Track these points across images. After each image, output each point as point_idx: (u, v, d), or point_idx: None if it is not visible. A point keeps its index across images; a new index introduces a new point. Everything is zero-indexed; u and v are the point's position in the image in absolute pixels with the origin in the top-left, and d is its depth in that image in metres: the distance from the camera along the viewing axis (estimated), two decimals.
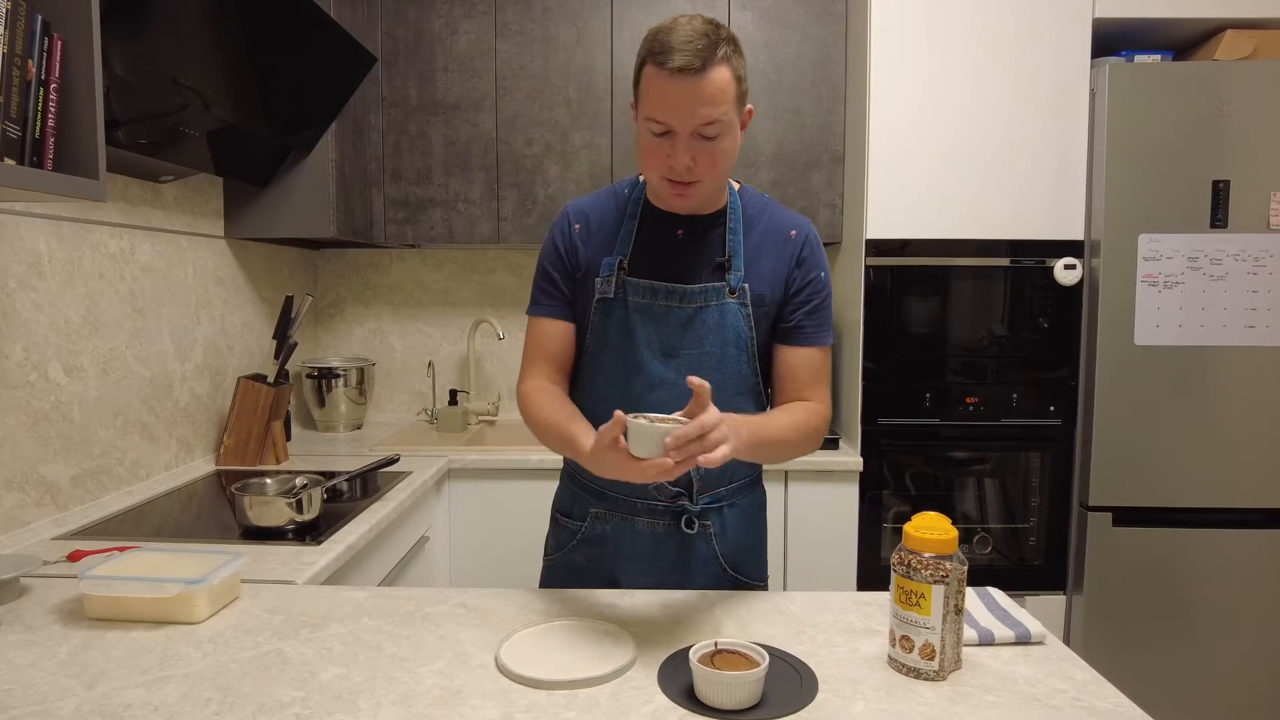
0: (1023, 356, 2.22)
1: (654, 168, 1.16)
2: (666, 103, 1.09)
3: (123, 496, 1.73)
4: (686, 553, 1.29)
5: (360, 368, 2.54)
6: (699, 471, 1.25)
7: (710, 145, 1.12)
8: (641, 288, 1.24)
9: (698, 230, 1.26)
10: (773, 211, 1.29)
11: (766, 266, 1.25)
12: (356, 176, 2.31)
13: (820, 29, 2.37)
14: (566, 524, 1.36)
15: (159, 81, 1.58)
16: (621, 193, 1.31)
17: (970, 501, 2.26)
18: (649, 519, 1.28)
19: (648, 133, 1.14)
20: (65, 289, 1.58)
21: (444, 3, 2.37)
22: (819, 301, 1.27)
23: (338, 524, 1.58)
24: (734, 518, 1.32)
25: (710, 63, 1.07)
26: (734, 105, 1.12)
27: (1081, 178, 2.16)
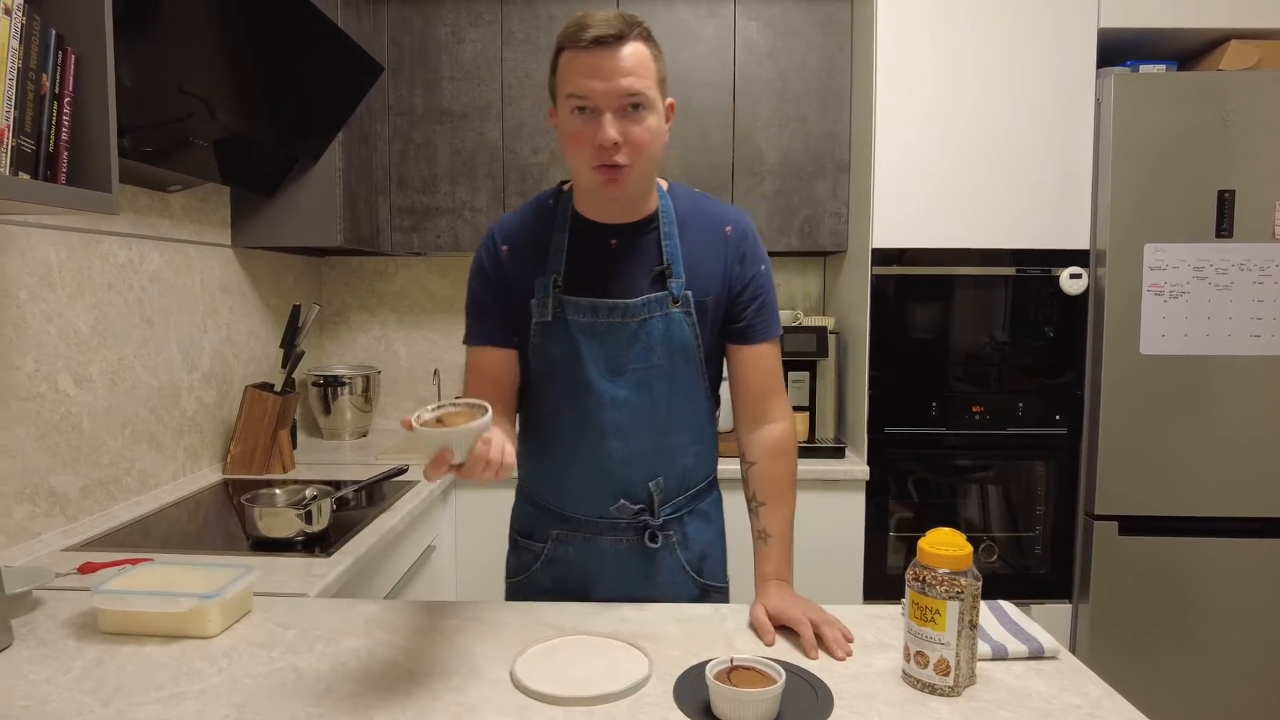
0: (1028, 365, 2.23)
1: (581, 153, 1.11)
2: (587, 75, 1.07)
3: (131, 506, 1.73)
4: (653, 565, 1.28)
5: (366, 375, 2.54)
6: (658, 485, 1.25)
7: (636, 121, 1.09)
8: (581, 306, 1.19)
9: (631, 238, 1.20)
10: (705, 207, 1.25)
11: (706, 266, 1.21)
12: (363, 185, 2.31)
13: (825, 38, 2.38)
14: (528, 546, 1.33)
15: (164, 89, 1.57)
16: (546, 205, 1.25)
17: (976, 510, 2.26)
18: (612, 537, 1.27)
19: (570, 116, 1.10)
20: (75, 299, 1.58)
21: (450, 11, 2.38)
22: (765, 296, 1.26)
23: (347, 535, 1.58)
24: (695, 524, 1.31)
25: (626, 36, 1.07)
26: (655, 82, 1.10)
27: (1087, 187, 2.17)
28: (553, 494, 1.29)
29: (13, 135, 1.12)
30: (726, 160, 2.40)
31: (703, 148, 2.40)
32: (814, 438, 2.32)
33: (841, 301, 2.52)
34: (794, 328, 2.30)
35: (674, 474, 1.26)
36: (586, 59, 1.07)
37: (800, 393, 2.32)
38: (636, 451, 1.23)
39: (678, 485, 1.27)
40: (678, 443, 1.25)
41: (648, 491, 1.25)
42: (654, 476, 1.24)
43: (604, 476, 1.24)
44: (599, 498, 1.25)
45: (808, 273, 2.74)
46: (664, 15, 2.37)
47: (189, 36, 1.60)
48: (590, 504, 1.26)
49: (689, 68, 2.38)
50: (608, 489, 1.24)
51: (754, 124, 2.39)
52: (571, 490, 1.27)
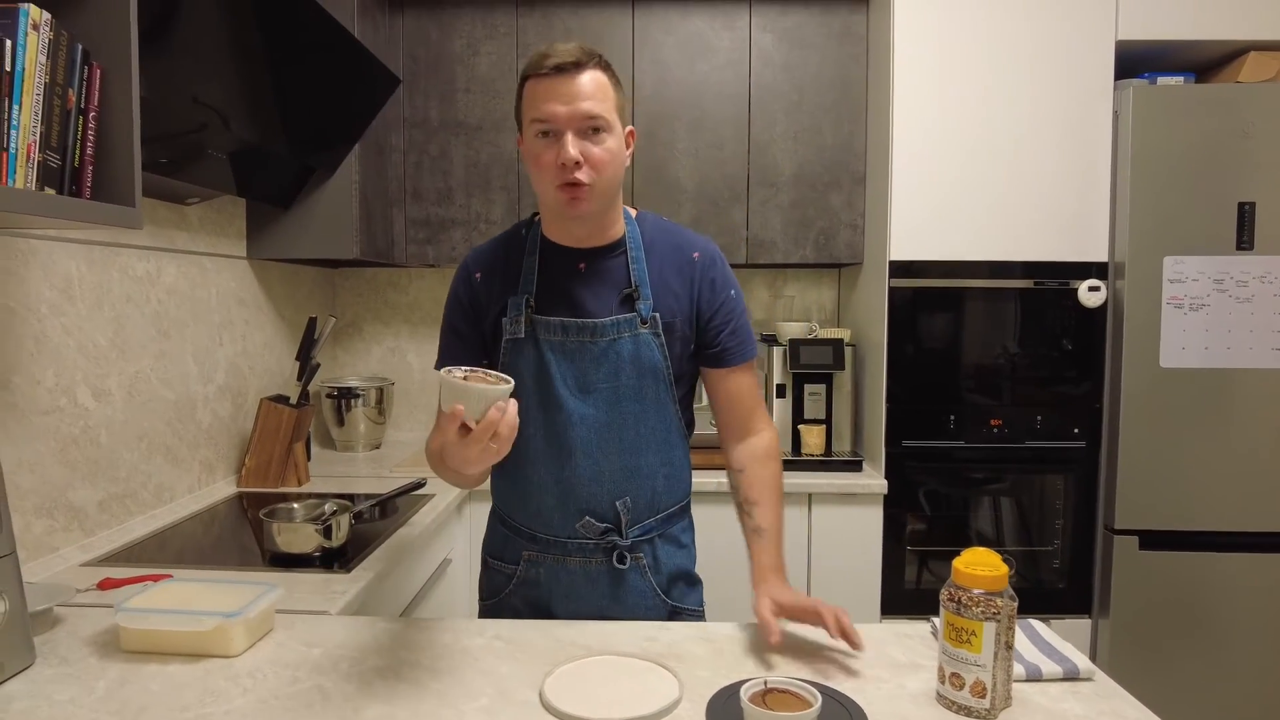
0: (1046, 378, 2.21)
1: (544, 174, 1.16)
2: (547, 100, 1.13)
3: (148, 520, 1.72)
4: (622, 588, 1.28)
5: (379, 387, 2.54)
6: (625, 505, 1.26)
7: (596, 143, 1.14)
8: (552, 325, 1.23)
9: (598, 261, 1.25)
10: (673, 234, 1.30)
11: (673, 289, 1.25)
12: (378, 197, 2.31)
13: (840, 50, 2.38)
14: (500, 568, 1.35)
15: (179, 100, 1.57)
16: (518, 234, 1.31)
17: (994, 523, 2.24)
18: (581, 558, 1.28)
19: (534, 139, 1.16)
20: (94, 312, 1.58)
21: (466, 24, 2.38)
22: (737, 321, 1.29)
23: (365, 550, 1.57)
24: (665, 547, 1.32)
25: (585, 64, 1.13)
26: (613, 108, 1.16)
27: (1105, 199, 2.16)
28: (523, 513, 1.31)
29: (39, 150, 1.12)
30: (742, 171, 2.39)
31: (718, 159, 2.39)
32: (830, 451, 2.31)
33: (857, 314, 2.51)
34: (810, 340, 2.29)
35: (642, 495, 1.27)
36: (548, 85, 1.13)
37: (817, 405, 2.31)
38: (604, 470, 1.25)
39: (647, 507, 1.29)
40: (646, 463, 1.27)
41: (614, 511, 1.26)
42: (621, 496, 1.26)
43: (570, 494, 1.26)
44: (566, 516, 1.27)
45: (823, 285, 2.73)
46: (680, 27, 2.37)
47: (206, 48, 1.60)
48: (558, 523, 1.27)
49: (704, 79, 2.38)
50: (574, 506, 1.26)
51: (769, 135, 2.39)
52: (540, 509, 1.28)
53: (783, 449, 2.30)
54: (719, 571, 2.14)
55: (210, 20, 1.58)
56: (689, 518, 1.40)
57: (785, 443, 2.33)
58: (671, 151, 2.39)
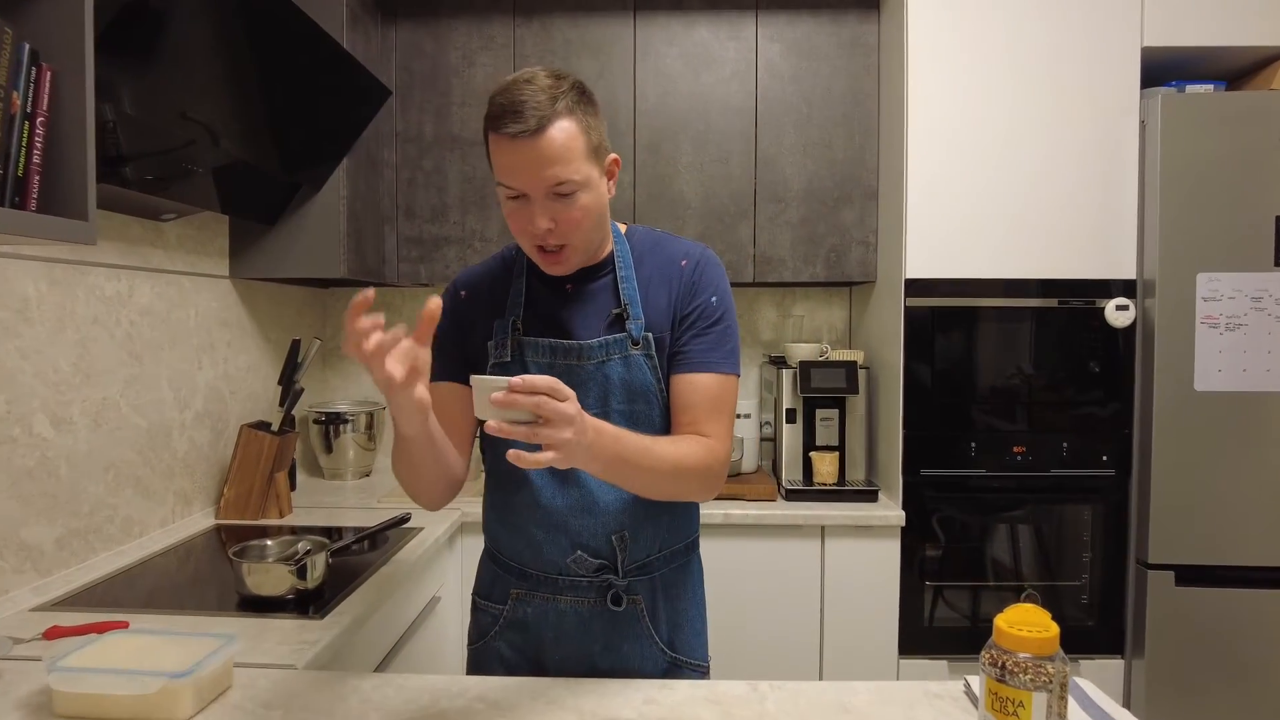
0: (1072, 403, 2.09)
1: (519, 235, 1.11)
2: (511, 168, 1.04)
3: (113, 558, 1.60)
4: (617, 633, 1.17)
5: (370, 412, 2.43)
6: (622, 539, 1.15)
7: (567, 204, 1.06)
8: (540, 347, 1.16)
9: (586, 283, 1.19)
10: (664, 246, 1.21)
11: (660, 303, 1.17)
12: (369, 214, 2.21)
13: (851, 61, 2.28)
14: (487, 609, 1.25)
15: (167, 116, 1.50)
16: (509, 255, 1.25)
17: (1017, 556, 2.11)
18: (573, 597, 1.17)
19: (506, 199, 1.08)
20: (55, 335, 1.47)
21: (461, 35, 2.30)
22: (708, 323, 1.16)
23: (343, 591, 1.45)
24: (667, 590, 1.21)
25: (548, 121, 1.01)
26: (585, 159, 1.06)
27: (1133, 213, 2.04)
28: (512, 547, 1.21)
29: None
30: (749, 187, 2.29)
31: (724, 174, 2.29)
32: (844, 480, 2.18)
33: (870, 334, 2.39)
34: (821, 363, 2.17)
35: (641, 529, 1.17)
36: (509, 150, 1.03)
37: (829, 432, 2.19)
38: (598, 500, 1.15)
39: (646, 543, 1.18)
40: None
41: (610, 545, 1.16)
42: (617, 529, 1.15)
43: (562, 526, 1.16)
44: (557, 550, 1.17)
45: (833, 304, 2.61)
46: (683, 38, 2.28)
47: (192, 60, 1.53)
48: (548, 558, 1.17)
49: (709, 91, 2.28)
50: (565, 539, 1.16)
51: (777, 149, 2.28)
52: (529, 541, 1.18)
53: (794, 479, 2.20)
54: (728, 618, 2.03)
55: (198, 34, 1.51)
56: (696, 557, 1.28)
57: (795, 471, 2.21)
58: (675, 167, 2.29)
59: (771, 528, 2.05)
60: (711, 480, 1.13)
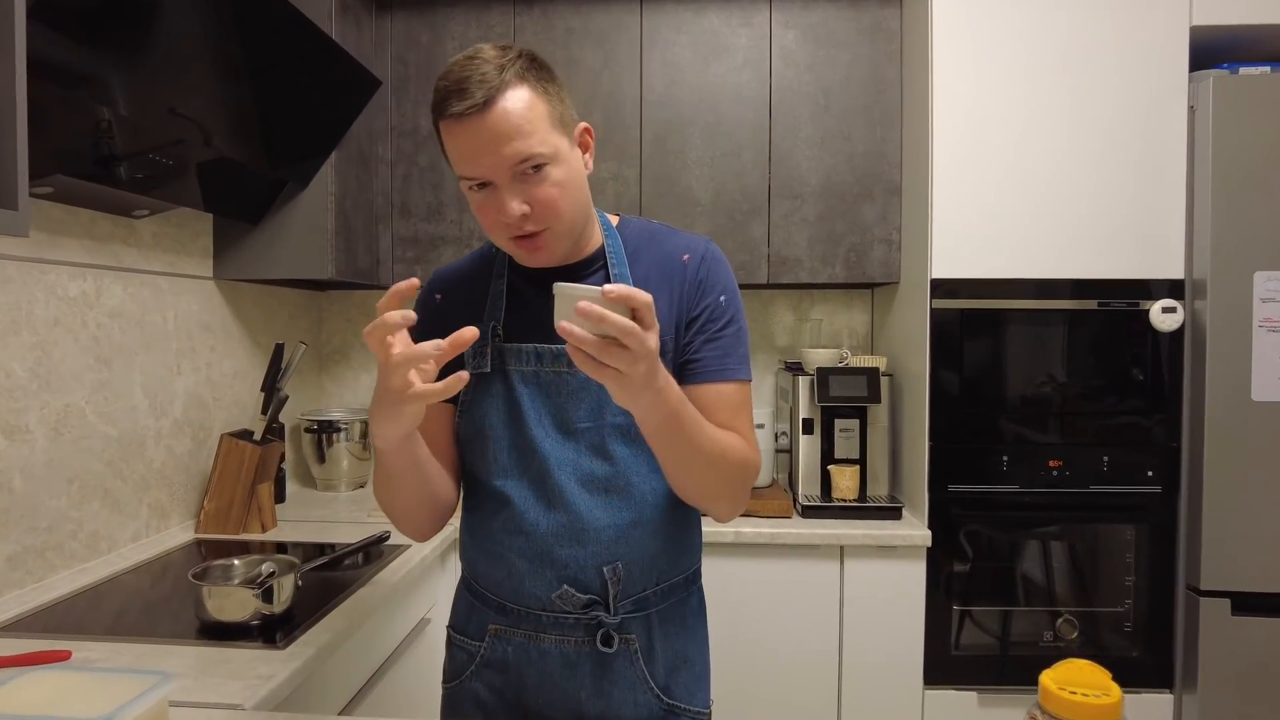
0: (1114, 413, 1.92)
1: (492, 230, 0.99)
2: (467, 153, 0.93)
3: (75, 576, 1.50)
4: (607, 677, 1.04)
5: (364, 420, 2.31)
6: (615, 572, 1.01)
7: (538, 182, 0.94)
8: (524, 354, 1.04)
9: (573, 280, 1.04)
10: (662, 240, 1.09)
11: (660, 304, 1.02)
12: (360, 212, 2.10)
13: (872, 48, 2.14)
14: (463, 644, 1.12)
15: (158, 113, 1.43)
16: (488, 253, 1.13)
17: (1054, 580, 1.94)
18: (557, 635, 1.04)
19: (470, 193, 0.97)
20: (8, 338, 1.37)
21: (459, 25, 2.19)
22: (720, 325, 1.04)
23: (316, 614, 1.33)
24: (664, 628, 1.07)
25: (498, 91, 0.90)
26: (549, 128, 0.94)
27: (1180, 207, 1.88)
28: (490, 577, 1.08)
29: None
30: (762, 182, 2.15)
31: (735, 169, 2.16)
32: (865, 496, 2.03)
33: (893, 339, 2.24)
34: (841, 370, 2.02)
35: (636, 560, 1.03)
36: (461, 135, 0.92)
37: (849, 444, 2.04)
38: (588, 528, 1.01)
39: (642, 575, 1.04)
40: (642, 519, 1.03)
41: (600, 578, 1.02)
42: (610, 561, 1.02)
43: (547, 556, 1.02)
44: (541, 583, 1.03)
45: (854, 307, 2.46)
46: (692, 25, 2.15)
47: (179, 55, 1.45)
48: (530, 591, 1.04)
49: (720, 81, 2.15)
50: (551, 572, 1.02)
51: (793, 142, 2.15)
52: (510, 572, 1.05)
53: (811, 494, 2.05)
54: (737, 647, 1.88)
55: (182, 25, 1.42)
56: (698, 591, 1.14)
57: (813, 486, 2.06)
58: (683, 161, 2.16)
59: (786, 547, 1.90)
60: (745, 483, 1.03)
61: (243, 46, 1.59)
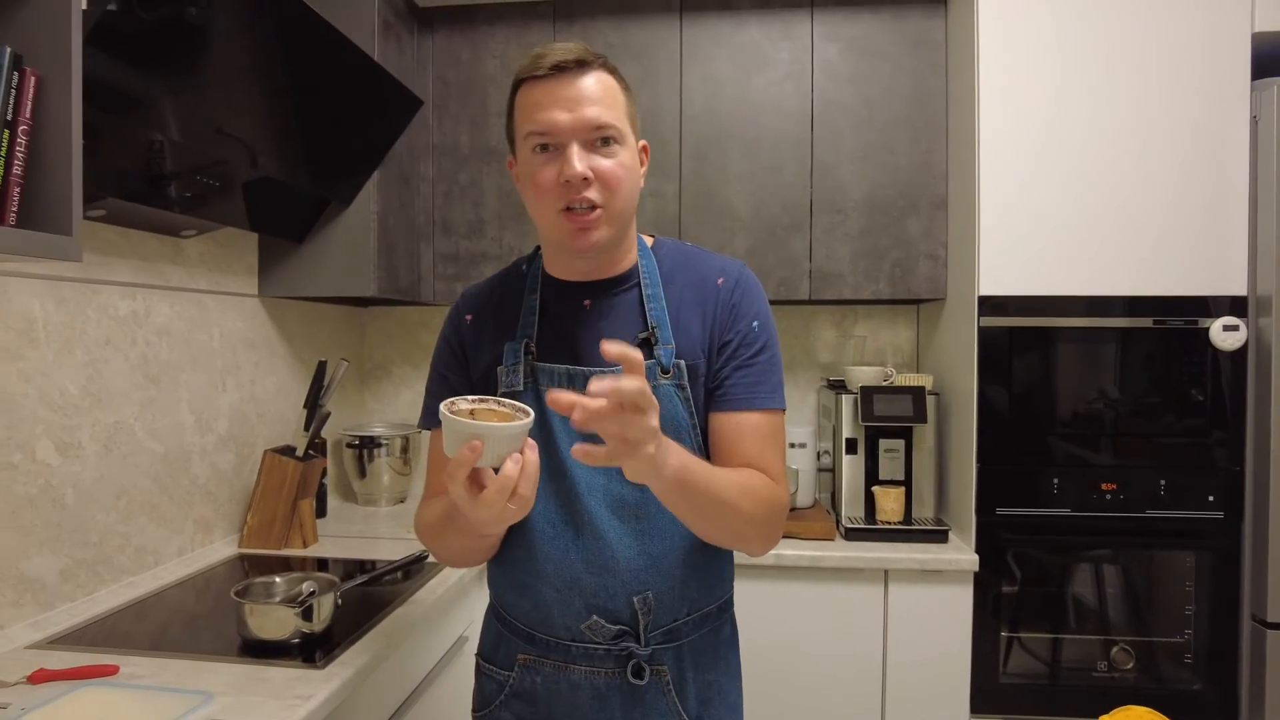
0: (1172, 435, 1.85)
1: (544, 198, 0.97)
2: (546, 107, 0.94)
3: (122, 590, 1.52)
4: (638, 709, 1.02)
5: (405, 436, 2.33)
6: (646, 602, 0.99)
7: (607, 155, 0.96)
8: (556, 374, 1.03)
9: (605, 298, 1.05)
10: (696, 262, 1.08)
11: (693, 328, 1.02)
12: (402, 230, 2.12)
13: (915, 60, 2.10)
14: (491, 673, 1.11)
15: (206, 133, 1.46)
16: (518, 270, 1.14)
17: (1108, 608, 1.87)
18: (587, 667, 1.02)
19: (531, 156, 0.97)
20: (62, 357, 1.40)
21: (499, 43, 2.20)
22: (752, 353, 1.02)
23: (356, 633, 1.34)
24: (696, 659, 1.05)
25: (589, 64, 0.96)
26: (624, 115, 0.98)
27: (1243, 221, 1.81)
28: (518, 606, 1.07)
29: None
30: (804, 197, 2.12)
31: (776, 184, 2.13)
32: (910, 519, 1.98)
33: (940, 357, 2.19)
34: (885, 388, 1.98)
35: (667, 589, 1.01)
36: (546, 89, 0.95)
37: (894, 464, 1.99)
38: (619, 556, 0.99)
39: (673, 605, 1.02)
40: (674, 547, 1.01)
41: (631, 609, 1.00)
42: (641, 590, 1.00)
43: (576, 585, 1.00)
44: (570, 613, 1.01)
45: (898, 323, 2.41)
46: (732, 39, 2.14)
47: (224, 76, 1.47)
48: (560, 621, 1.02)
49: (761, 95, 2.13)
50: (580, 601, 1.01)
51: (836, 156, 2.11)
52: (538, 602, 1.04)
53: (854, 516, 2.01)
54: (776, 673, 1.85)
55: (228, 48, 1.45)
56: (730, 620, 1.12)
57: (856, 508, 2.01)
58: (723, 175, 2.14)
59: (829, 570, 1.86)
60: (775, 520, 1.00)
61: (287, 68, 1.61)
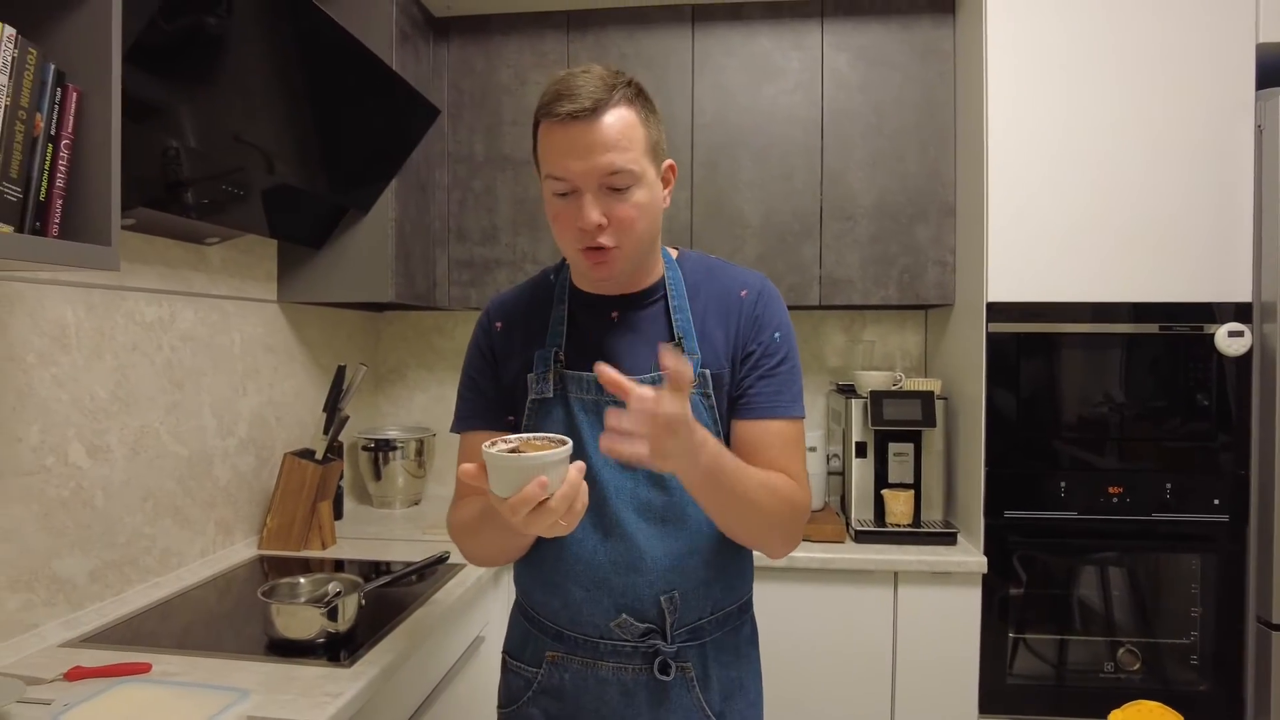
0: (1178, 440, 1.87)
1: (565, 237, 1.01)
2: (561, 154, 0.96)
3: (149, 590, 1.56)
4: (664, 705, 1.05)
5: (419, 439, 2.36)
6: (672, 601, 1.03)
7: (621, 199, 0.97)
8: (585, 382, 1.06)
9: (633, 311, 1.08)
10: (720, 274, 1.12)
11: (718, 338, 1.06)
12: (418, 236, 2.16)
13: (924, 69, 2.13)
14: (518, 670, 1.14)
15: (223, 141, 1.48)
16: (546, 280, 1.17)
17: (1112, 610, 1.90)
18: (615, 663, 1.05)
19: (552, 197, 1.01)
20: (92, 362, 1.44)
21: (513, 52, 2.24)
22: (774, 363, 1.05)
23: (379, 633, 1.37)
24: (719, 656, 1.08)
25: (605, 105, 0.95)
26: (642, 152, 0.98)
27: (1247, 228, 1.83)
28: (547, 605, 1.10)
29: None
30: (814, 204, 2.16)
31: (786, 191, 2.16)
32: (919, 521, 2.01)
33: (948, 362, 2.22)
34: (895, 393, 2.01)
35: (692, 589, 1.05)
36: (562, 135, 0.96)
37: (903, 468, 2.02)
38: (647, 557, 1.03)
39: (698, 604, 1.06)
40: (697, 548, 1.05)
41: (658, 607, 1.04)
42: (668, 590, 1.03)
43: (605, 585, 1.04)
44: (599, 611, 1.05)
45: (906, 328, 2.44)
46: (743, 48, 2.17)
47: (243, 84, 1.50)
48: (588, 619, 1.06)
49: (772, 104, 2.16)
50: (609, 600, 1.04)
51: (845, 164, 2.14)
52: (568, 601, 1.07)
53: (864, 518, 2.04)
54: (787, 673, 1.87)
55: (248, 57, 1.48)
56: (750, 619, 1.15)
57: (866, 510, 2.04)
58: (734, 183, 2.17)
59: (839, 573, 1.89)
60: (796, 521, 1.04)
61: (309, 78, 1.65)
